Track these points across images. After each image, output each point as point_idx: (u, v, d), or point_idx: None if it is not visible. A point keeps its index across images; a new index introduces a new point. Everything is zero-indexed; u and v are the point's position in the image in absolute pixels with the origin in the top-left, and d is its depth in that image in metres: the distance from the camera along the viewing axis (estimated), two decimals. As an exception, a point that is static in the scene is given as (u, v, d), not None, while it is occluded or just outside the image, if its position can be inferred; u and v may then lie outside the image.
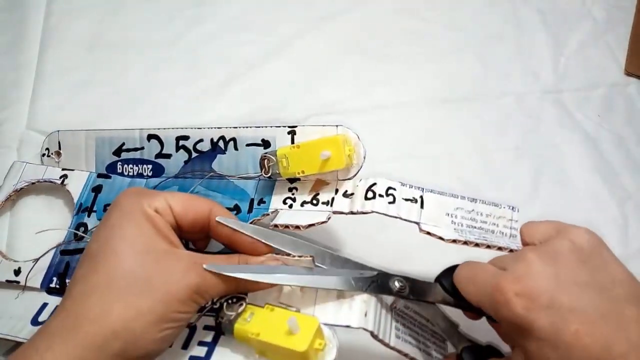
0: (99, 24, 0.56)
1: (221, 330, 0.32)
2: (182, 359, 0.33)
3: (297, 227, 0.35)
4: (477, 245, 0.34)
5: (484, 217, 0.36)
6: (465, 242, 0.34)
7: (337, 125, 0.37)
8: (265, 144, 0.39)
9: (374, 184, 0.36)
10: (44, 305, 0.38)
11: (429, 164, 0.50)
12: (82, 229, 0.41)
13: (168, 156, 0.43)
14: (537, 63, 0.57)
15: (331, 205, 0.36)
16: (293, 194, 0.38)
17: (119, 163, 0.44)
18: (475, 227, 0.36)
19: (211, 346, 0.33)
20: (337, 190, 0.37)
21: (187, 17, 0.57)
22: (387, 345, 0.32)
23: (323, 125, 0.37)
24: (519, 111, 0.54)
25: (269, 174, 0.37)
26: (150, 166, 0.44)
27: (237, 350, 0.32)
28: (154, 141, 0.43)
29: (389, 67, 0.55)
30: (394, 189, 0.36)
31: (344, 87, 0.54)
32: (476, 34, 0.58)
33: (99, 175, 0.44)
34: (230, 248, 0.34)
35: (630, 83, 0.56)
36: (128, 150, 0.44)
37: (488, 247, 0.34)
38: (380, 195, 0.35)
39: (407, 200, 0.36)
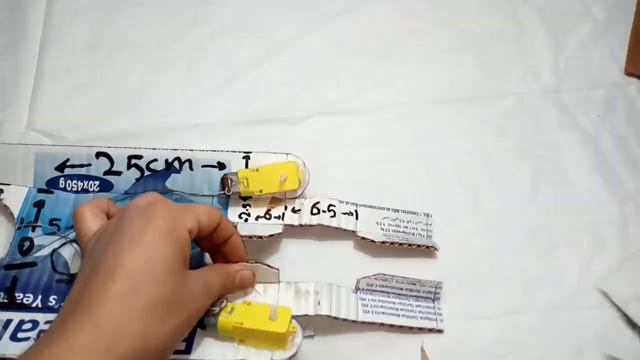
0: (99, 25, 0.56)
1: (202, 325, 0.36)
2: None
3: (260, 237, 0.41)
4: (400, 244, 0.43)
5: (405, 224, 0.45)
6: (392, 243, 0.43)
7: (287, 154, 0.45)
8: (221, 165, 0.44)
9: (318, 202, 0.44)
10: (8, 321, 0.38)
11: (429, 164, 0.49)
12: (28, 243, 0.41)
13: (118, 173, 0.44)
14: (537, 63, 0.57)
15: (282, 219, 0.43)
16: (247, 210, 0.44)
17: (62, 179, 0.44)
18: (399, 232, 0.45)
19: (190, 340, 0.37)
20: (286, 207, 0.44)
21: (187, 17, 0.57)
22: (353, 321, 0.39)
23: (274, 153, 0.44)
24: (519, 111, 0.53)
25: (230, 192, 0.43)
26: (97, 182, 0.44)
27: (216, 340, 0.37)
28: (103, 159, 0.44)
29: (389, 67, 0.55)
30: (334, 206, 0.44)
31: (344, 87, 0.54)
32: (476, 34, 0.58)
33: (40, 190, 0.44)
34: (218, 251, 0.38)
35: (631, 83, 0.56)
36: (73, 166, 0.44)
37: (409, 245, 0.43)
38: (323, 211, 0.44)
39: (344, 214, 0.44)
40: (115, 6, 0.57)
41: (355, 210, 0.45)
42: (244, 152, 0.44)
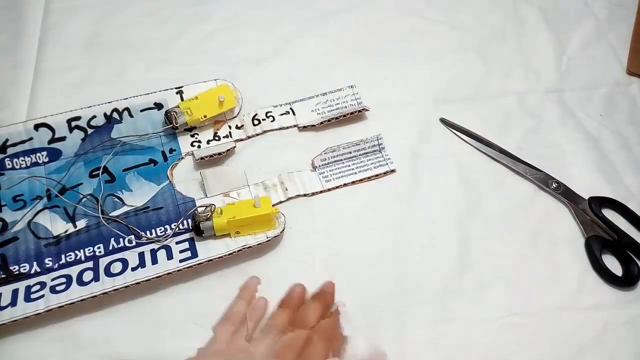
0: (98, 23, 0.56)
1: (200, 231, 0.42)
2: (174, 264, 0.41)
3: (219, 154, 0.46)
4: (337, 118, 0.50)
5: (336, 101, 0.52)
6: (329, 120, 0.50)
7: (215, 80, 0.50)
8: (158, 106, 0.48)
9: (256, 114, 0.50)
10: (15, 290, 0.40)
11: (431, 163, 0.49)
12: (0, 223, 0.43)
13: (62, 139, 0.46)
14: (539, 62, 0.56)
15: (231, 137, 0.49)
16: (196, 138, 0.48)
17: (7, 159, 0.45)
18: (333, 110, 0.51)
19: (192, 247, 0.42)
20: (230, 126, 0.49)
21: (187, 15, 0.57)
22: (320, 191, 0.47)
23: (204, 82, 0.50)
24: (521, 110, 0.53)
25: (178, 125, 0.47)
26: (44, 152, 0.46)
27: (215, 240, 0.43)
28: (43, 129, 0.46)
29: (390, 66, 0.55)
30: (271, 111, 0.50)
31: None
32: (478, 33, 0.58)
33: None
34: None
35: (633, 82, 0.56)
36: (14, 144, 0.45)
37: (344, 116, 0.50)
38: (263, 119, 0.50)
39: (282, 114, 0.50)
40: (114, 4, 0.57)
41: (291, 108, 0.51)
42: (176, 88, 0.48)
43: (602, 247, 0.46)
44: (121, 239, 0.43)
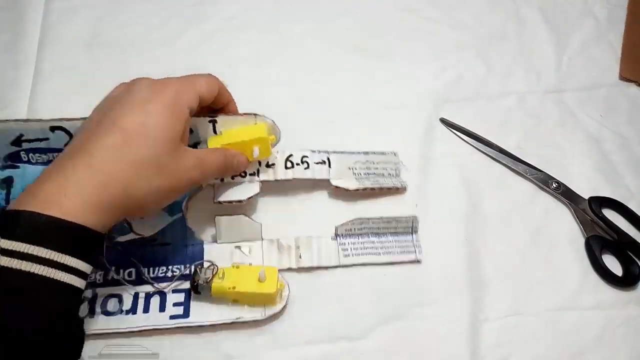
0: (98, 22, 0.55)
1: (197, 291, 0.39)
2: (164, 320, 0.39)
3: (240, 201, 0.43)
4: (372, 189, 0.45)
5: (375, 165, 0.47)
6: (364, 189, 0.45)
7: (255, 115, 0.43)
8: (190, 131, 0.43)
9: (291, 155, 0.45)
10: None
11: (431, 163, 0.49)
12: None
13: None
14: (539, 62, 0.56)
15: (258, 176, 0.44)
16: None
17: (22, 153, 0.43)
18: (370, 173, 0.47)
19: (186, 304, 0.40)
20: (260, 162, 0.44)
21: (187, 15, 0.57)
22: (335, 266, 0.43)
23: (242, 115, 0.43)
24: (521, 111, 0.53)
25: None
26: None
27: (210, 302, 0.40)
28: (59, 132, 0.43)
29: (390, 66, 0.55)
30: (307, 157, 0.45)
31: (345, 87, 0.53)
32: (478, 33, 0.58)
33: (4, 167, 0.42)
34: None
35: (633, 82, 0.56)
36: (29, 140, 0.43)
37: (380, 188, 0.46)
38: (297, 164, 0.45)
39: (317, 163, 0.45)
40: (114, 4, 0.57)
41: (328, 158, 0.46)
42: (210, 116, 0.42)
43: (602, 247, 0.46)
44: (121, 270, 0.41)
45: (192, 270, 0.41)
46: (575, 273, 0.45)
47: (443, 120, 0.52)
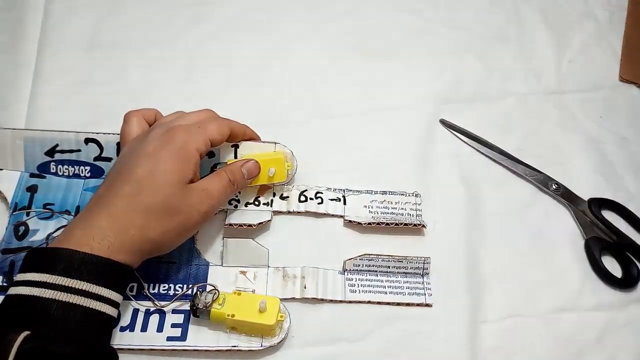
0: (98, 24, 0.55)
1: (196, 314, 0.39)
2: (161, 341, 0.39)
3: (250, 225, 0.43)
4: (387, 224, 0.44)
5: (394, 205, 0.46)
6: (379, 224, 0.44)
7: (275, 143, 0.45)
8: (210, 154, 0.44)
9: (305, 190, 0.46)
10: None
11: (431, 165, 0.49)
12: (23, 227, 0.42)
13: (108, 159, 0.45)
14: (539, 63, 0.57)
15: (271, 206, 0.45)
16: (237, 196, 0.45)
17: (52, 163, 0.45)
18: (387, 213, 0.46)
19: (185, 326, 0.40)
20: (274, 194, 0.45)
21: (187, 16, 0.57)
22: (340, 301, 0.42)
23: (263, 142, 0.45)
24: (521, 112, 0.53)
25: None
26: (88, 167, 0.45)
27: (208, 327, 0.40)
28: (92, 144, 0.45)
29: (390, 68, 0.55)
30: (321, 193, 0.46)
31: (345, 88, 0.53)
32: (478, 34, 0.58)
33: (32, 175, 0.45)
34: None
35: (632, 84, 0.56)
36: (62, 151, 0.45)
37: (396, 224, 0.44)
38: (311, 199, 0.46)
39: (332, 200, 0.46)
40: (114, 5, 0.57)
41: (343, 196, 0.46)
42: (232, 144, 0.44)
43: (601, 249, 0.46)
44: None
45: (193, 291, 0.40)
46: (575, 274, 0.45)
47: (443, 122, 0.52)
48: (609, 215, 0.48)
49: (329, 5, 0.58)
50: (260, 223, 0.43)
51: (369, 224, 0.44)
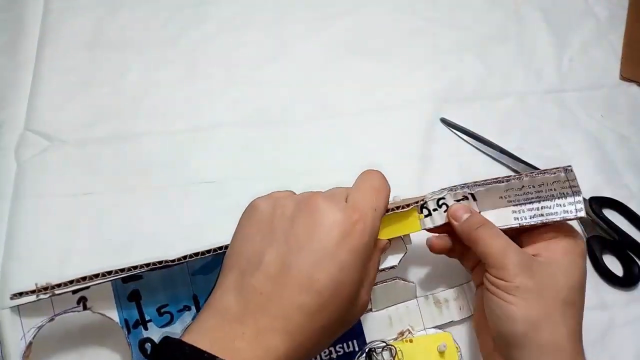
0: (98, 24, 0.55)
1: None
2: None
3: (392, 267, 0.38)
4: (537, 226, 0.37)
5: (537, 188, 0.37)
6: (521, 225, 0.37)
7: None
8: None
9: (425, 202, 0.38)
10: None
11: (432, 165, 0.49)
12: (149, 345, 0.36)
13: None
14: (539, 62, 0.56)
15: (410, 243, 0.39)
16: None
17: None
18: (530, 199, 0.37)
19: None
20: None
21: (187, 16, 0.57)
22: None
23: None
24: (521, 111, 0.53)
25: None
26: None
27: None
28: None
29: (390, 67, 0.55)
30: (444, 198, 0.38)
31: (344, 88, 0.53)
32: (478, 33, 0.58)
33: (125, 280, 0.36)
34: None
35: (633, 82, 0.56)
36: None
37: (544, 224, 0.37)
38: (435, 209, 0.38)
39: (458, 200, 0.38)
40: (114, 5, 0.57)
41: (471, 194, 0.39)
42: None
43: (602, 248, 0.46)
44: None
45: (365, 352, 0.38)
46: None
47: (443, 121, 0.52)
48: (610, 214, 0.48)
49: (329, 5, 0.58)
50: (400, 261, 0.38)
51: (510, 228, 0.37)
